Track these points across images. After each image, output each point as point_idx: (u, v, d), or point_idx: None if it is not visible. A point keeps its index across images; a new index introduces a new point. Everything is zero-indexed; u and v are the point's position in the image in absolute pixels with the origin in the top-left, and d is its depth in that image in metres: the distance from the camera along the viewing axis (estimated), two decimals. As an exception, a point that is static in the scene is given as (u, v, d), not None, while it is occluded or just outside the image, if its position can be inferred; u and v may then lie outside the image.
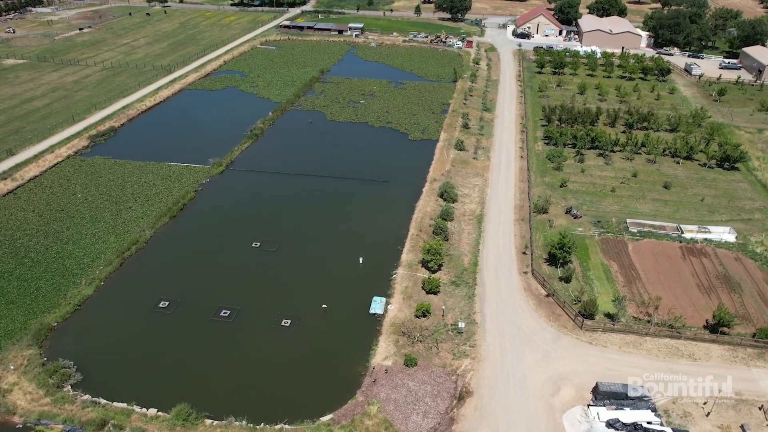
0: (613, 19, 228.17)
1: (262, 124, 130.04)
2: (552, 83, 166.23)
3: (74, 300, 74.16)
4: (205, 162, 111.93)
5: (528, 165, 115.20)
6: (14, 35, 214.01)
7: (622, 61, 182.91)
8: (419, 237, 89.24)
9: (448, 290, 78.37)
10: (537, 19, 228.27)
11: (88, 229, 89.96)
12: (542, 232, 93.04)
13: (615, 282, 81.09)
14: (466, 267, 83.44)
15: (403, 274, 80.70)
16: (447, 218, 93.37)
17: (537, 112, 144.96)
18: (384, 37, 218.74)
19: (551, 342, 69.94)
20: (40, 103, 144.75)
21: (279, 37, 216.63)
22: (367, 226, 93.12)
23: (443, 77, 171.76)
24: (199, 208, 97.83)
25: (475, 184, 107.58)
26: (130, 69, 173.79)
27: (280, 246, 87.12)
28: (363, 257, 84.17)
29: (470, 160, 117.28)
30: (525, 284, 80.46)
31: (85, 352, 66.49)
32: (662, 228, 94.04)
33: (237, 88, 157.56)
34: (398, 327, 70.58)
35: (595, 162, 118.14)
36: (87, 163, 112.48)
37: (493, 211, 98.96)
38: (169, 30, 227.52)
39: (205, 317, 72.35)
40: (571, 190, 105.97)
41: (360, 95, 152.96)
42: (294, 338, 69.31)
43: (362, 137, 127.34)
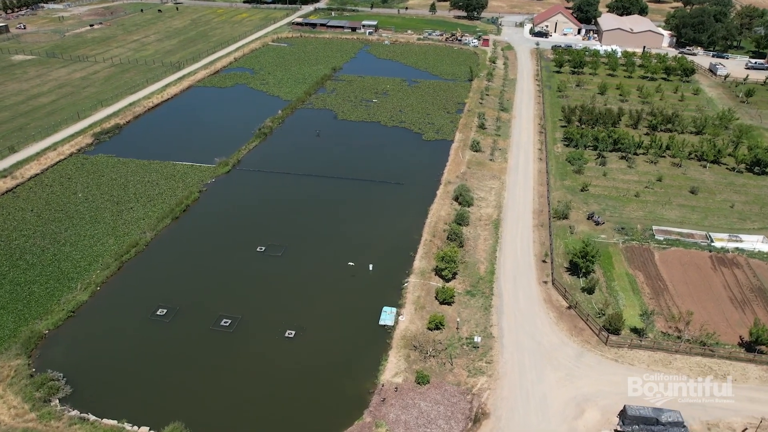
0: (634, 18, 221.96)
1: (271, 123, 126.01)
2: (571, 83, 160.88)
3: (68, 306, 70.28)
4: (210, 161, 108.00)
5: (547, 167, 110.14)
6: (24, 31, 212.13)
7: (644, 60, 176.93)
8: (433, 243, 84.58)
9: (463, 301, 73.62)
10: (555, 18, 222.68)
11: (87, 230, 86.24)
12: (563, 238, 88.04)
13: (641, 294, 75.97)
14: (482, 275, 78.65)
15: (415, 283, 76.07)
16: (462, 223, 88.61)
17: (556, 113, 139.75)
18: (398, 35, 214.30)
19: (574, 359, 65.01)
20: (46, 100, 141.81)
21: (291, 35, 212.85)
22: (377, 230, 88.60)
23: (458, 76, 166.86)
24: (202, 209, 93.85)
25: (491, 187, 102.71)
26: (139, 66, 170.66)
27: (286, 251, 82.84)
28: (373, 264, 79.65)
29: (486, 161, 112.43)
30: (545, 295, 75.52)
31: (76, 363, 62.53)
32: (690, 236, 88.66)
33: (246, 86, 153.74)
34: (409, 340, 65.97)
35: (618, 165, 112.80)
36: (90, 161, 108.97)
37: (510, 215, 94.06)
38: (180, 27, 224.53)
39: (205, 326, 68.16)
40: (592, 195, 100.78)
41: (373, 94, 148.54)
42: (298, 351, 64.92)
43: (374, 137, 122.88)
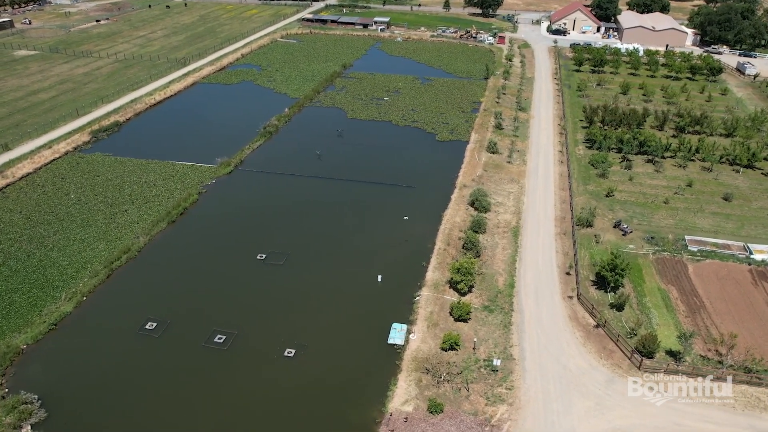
0: (656, 16, 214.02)
1: (277, 121, 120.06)
2: (592, 82, 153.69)
3: (50, 318, 64.65)
4: (212, 161, 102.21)
5: (569, 171, 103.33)
6: (29, 26, 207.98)
7: (668, 59, 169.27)
8: (447, 252, 78.15)
9: (480, 317, 67.15)
10: (574, 15, 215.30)
11: (77, 234, 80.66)
12: (588, 248, 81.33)
13: (675, 311, 69.14)
14: (500, 289, 72.11)
15: (427, 297, 69.69)
16: (479, 230, 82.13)
17: (576, 113, 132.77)
18: (411, 32, 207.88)
19: (604, 386, 58.38)
20: (45, 96, 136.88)
21: (300, 31, 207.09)
22: (388, 237, 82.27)
23: (474, 74, 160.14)
24: (201, 212, 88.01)
25: (510, 192, 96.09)
26: (144, 61, 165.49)
27: (288, 259, 76.74)
28: (382, 274, 73.36)
29: (504, 164, 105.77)
30: (570, 312, 68.88)
31: (54, 383, 56.84)
32: (727, 247, 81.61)
33: (253, 83, 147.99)
34: (421, 362, 59.64)
35: (644, 169, 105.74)
36: (85, 160, 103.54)
37: (530, 223, 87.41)
38: (188, 22, 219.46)
39: (197, 343, 62.19)
40: (618, 201, 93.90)
41: (384, 92, 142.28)
42: (298, 372, 58.77)
43: (385, 137, 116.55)
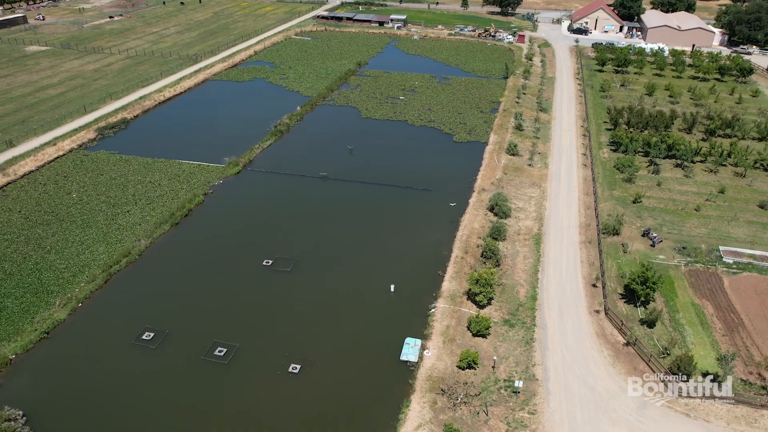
0: (681, 15, 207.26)
1: (288, 120, 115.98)
2: (615, 82, 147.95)
3: (42, 325, 60.92)
4: (220, 160, 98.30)
5: (593, 175, 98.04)
6: (43, 22, 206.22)
7: (695, 59, 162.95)
8: (464, 261, 73.41)
9: (500, 332, 62.38)
10: (595, 14, 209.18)
11: (77, 235, 77.04)
12: (615, 258, 76.21)
13: (712, 329, 63.89)
14: (522, 301, 67.28)
15: (443, 309, 65.04)
16: (498, 238, 77.31)
17: (600, 114, 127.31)
18: (428, 30, 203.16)
19: (635, 411, 53.39)
20: (54, 92, 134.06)
21: (315, 28, 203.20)
22: (401, 243, 77.72)
23: (493, 73, 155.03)
24: (206, 214, 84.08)
25: (531, 196, 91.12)
26: (155, 58, 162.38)
27: (296, 265, 72.45)
28: (395, 284, 68.80)
29: (525, 167, 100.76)
30: (597, 328, 63.86)
31: (42, 397, 53.04)
32: (765, 259, 76.08)
33: (265, 80, 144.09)
34: (436, 382, 55.04)
35: (673, 174, 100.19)
36: (90, 158, 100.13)
37: (553, 230, 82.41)
38: (201, 19, 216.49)
39: (196, 356, 58.10)
40: (646, 207, 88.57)
41: (399, 90, 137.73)
42: (302, 390, 54.43)
43: (400, 138, 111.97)
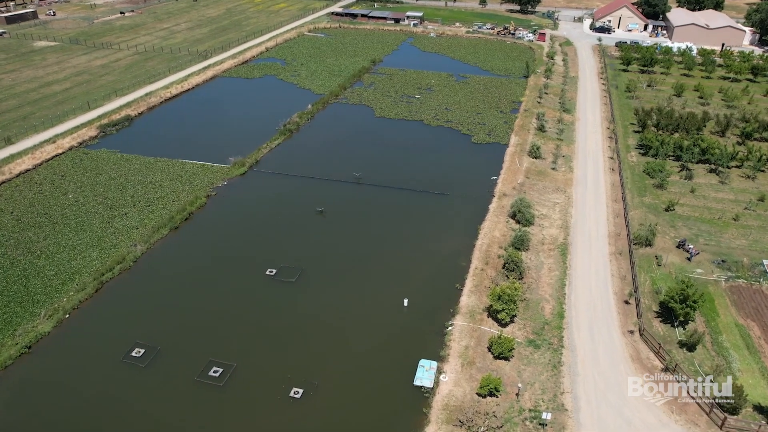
0: (709, 13, 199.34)
1: (299, 119, 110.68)
2: (641, 82, 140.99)
3: (24, 339, 56.00)
4: (225, 161, 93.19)
5: (621, 180, 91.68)
6: (53, 18, 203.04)
7: (725, 59, 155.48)
8: (484, 273, 67.50)
9: (524, 354, 56.45)
10: (619, 12, 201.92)
11: (70, 239, 72.19)
12: (648, 272, 69.95)
13: (759, 354, 57.57)
14: (548, 319, 61.28)
15: (462, 327, 59.18)
16: (521, 248, 71.31)
17: (626, 116, 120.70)
18: (445, 28, 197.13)
19: (679, 449, 47.35)
20: (59, 87, 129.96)
21: (329, 25, 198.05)
22: (416, 253, 71.99)
23: (513, 72, 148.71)
24: (208, 218, 78.92)
25: (555, 202, 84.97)
26: (164, 54, 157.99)
27: (301, 275, 66.98)
28: (409, 298, 63.08)
29: (548, 170, 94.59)
30: (632, 350, 57.70)
31: (17, 420, 47.97)
32: (815, 275, 69.52)
33: (276, 77, 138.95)
34: (454, 411, 49.25)
35: (707, 179, 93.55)
36: (90, 156, 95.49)
37: (580, 239, 76.23)
38: (213, 15, 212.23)
39: (189, 376, 52.79)
40: (680, 216, 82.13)
41: (415, 89, 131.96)
42: (304, 418, 48.87)
43: (415, 138, 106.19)
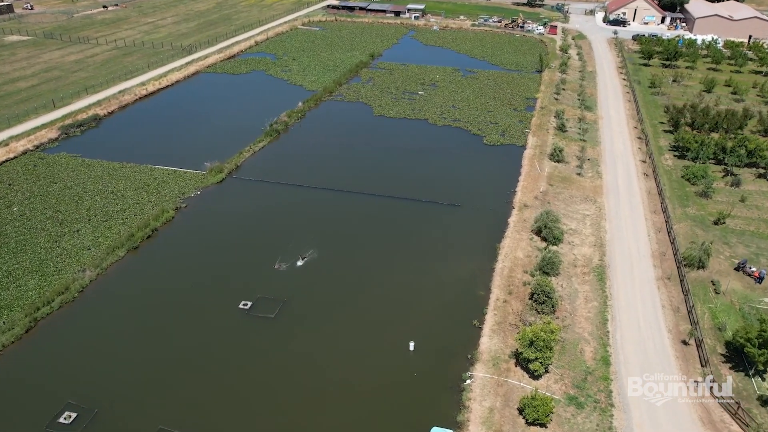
0: (731, 4, 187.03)
1: (287, 118, 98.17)
2: (666, 77, 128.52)
3: (-77, 400, 43.54)
4: (201, 166, 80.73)
5: (659, 188, 79.25)
6: (31, 11, 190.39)
7: (756, 52, 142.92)
8: (508, 306, 54.93)
9: (564, 417, 43.86)
10: (634, 4, 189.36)
11: (5, 263, 59.74)
12: (705, 302, 57.50)
13: None
14: (590, 366, 48.72)
15: (484, 381, 46.57)
16: (551, 272, 58.77)
17: (653, 114, 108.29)
18: (449, 21, 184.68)
19: None
20: (24, 84, 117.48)
21: (325, 18, 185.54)
22: (423, 280, 59.44)
23: (525, 66, 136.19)
24: (174, 235, 66.39)
25: (585, 214, 72.45)
26: (145, 49, 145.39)
27: (282, 308, 54.46)
28: (415, 340, 50.54)
29: (573, 176, 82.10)
30: (701, 410, 45.12)
31: None
32: None
33: (264, 73, 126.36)
34: (479, 508, 36.76)
35: (757, 186, 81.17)
36: (45, 161, 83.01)
37: (619, 260, 63.66)
38: (202, 9, 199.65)
39: (129, 453, 40.32)
40: (733, 231, 69.68)
41: (418, 85, 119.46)
42: None
43: (420, 139, 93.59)
